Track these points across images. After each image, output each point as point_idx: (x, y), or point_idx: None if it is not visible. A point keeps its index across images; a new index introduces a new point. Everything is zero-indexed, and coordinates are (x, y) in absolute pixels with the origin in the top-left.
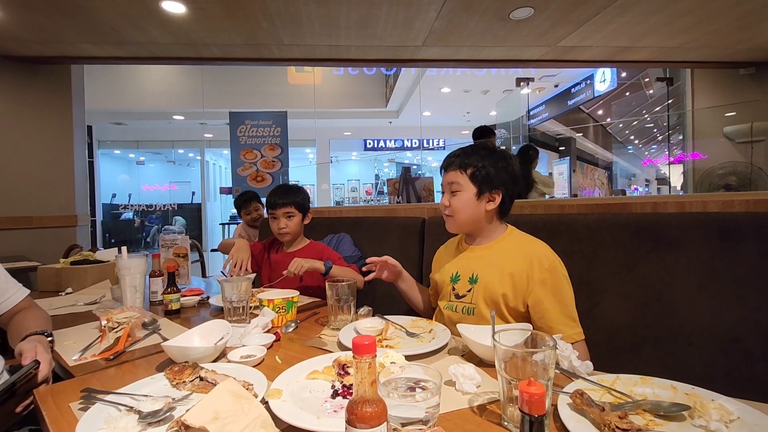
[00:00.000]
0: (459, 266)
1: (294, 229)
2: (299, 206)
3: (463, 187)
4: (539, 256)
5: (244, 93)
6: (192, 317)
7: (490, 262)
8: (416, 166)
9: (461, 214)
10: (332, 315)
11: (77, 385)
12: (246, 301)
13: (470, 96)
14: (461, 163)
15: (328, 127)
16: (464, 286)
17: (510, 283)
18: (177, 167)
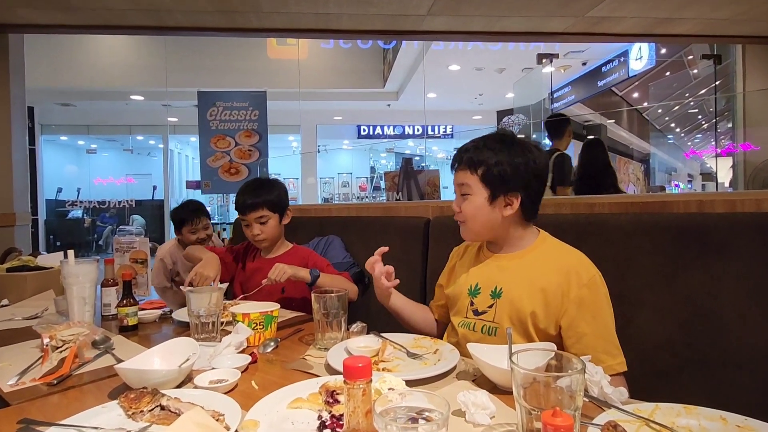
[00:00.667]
0: (479, 276)
1: (271, 234)
2: (273, 206)
3: (473, 189)
4: (577, 270)
5: (215, 69)
6: (152, 334)
7: (517, 274)
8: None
9: (474, 221)
10: (319, 332)
11: (14, 415)
12: (216, 316)
13: (483, 75)
14: (470, 160)
15: (315, 110)
16: (485, 300)
17: (541, 300)
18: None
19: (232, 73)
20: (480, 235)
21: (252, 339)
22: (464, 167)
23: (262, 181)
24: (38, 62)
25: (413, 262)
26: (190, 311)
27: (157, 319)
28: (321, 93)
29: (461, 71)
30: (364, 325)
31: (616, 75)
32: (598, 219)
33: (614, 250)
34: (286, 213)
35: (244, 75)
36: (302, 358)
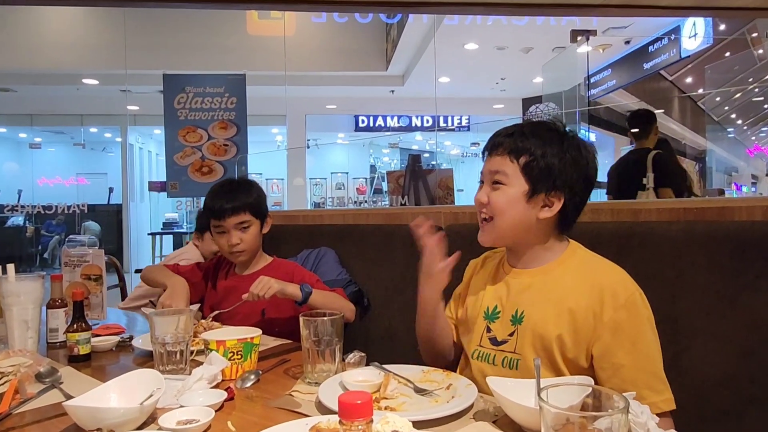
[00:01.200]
0: (498, 297)
1: (252, 244)
2: (256, 210)
3: (510, 179)
4: (613, 288)
5: (184, 48)
6: (108, 365)
7: (541, 293)
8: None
9: (504, 216)
10: (309, 364)
11: None
12: (185, 344)
13: (506, 55)
14: (513, 146)
15: (303, 97)
16: (505, 327)
17: (569, 324)
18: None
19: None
20: (503, 237)
21: (228, 371)
22: (502, 153)
23: (238, 181)
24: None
25: None
26: (154, 338)
27: (114, 347)
28: (311, 77)
29: (480, 51)
30: (363, 354)
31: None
32: (643, 228)
33: (662, 266)
34: (267, 220)
35: (219, 55)
36: (288, 394)
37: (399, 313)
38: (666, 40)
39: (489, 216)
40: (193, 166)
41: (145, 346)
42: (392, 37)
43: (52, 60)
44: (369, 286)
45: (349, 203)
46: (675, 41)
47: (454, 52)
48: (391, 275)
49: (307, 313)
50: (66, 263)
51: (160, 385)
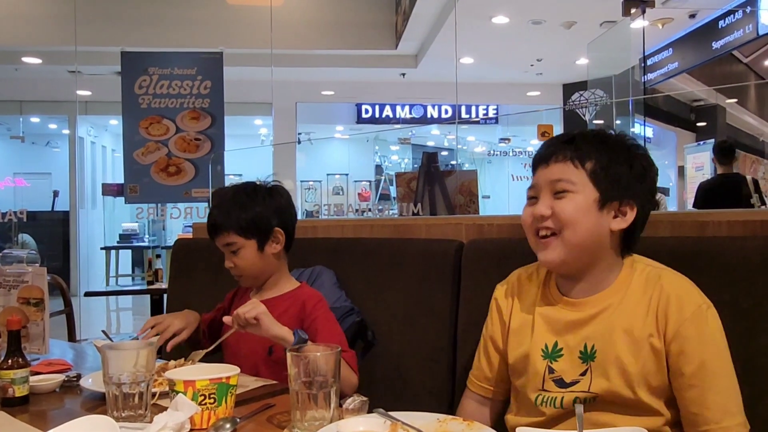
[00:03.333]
0: (556, 331)
1: (250, 269)
2: (247, 230)
3: (578, 186)
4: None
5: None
6: (50, 410)
7: (610, 322)
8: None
9: (576, 227)
10: (298, 410)
11: None
12: (147, 384)
13: (543, 31)
14: (576, 152)
15: (294, 81)
16: (573, 366)
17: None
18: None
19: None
20: (576, 253)
21: (198, 419)
22: (563, 160)
23: (241, 189)
24: None
25: (439, 305)
26: (108, 377)
27: (58, 388)
28: (303, 56)
29: (511, 25)
30: (365, 399)
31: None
32: (712, 245)
33: (735, 291)
34: (273, 236)
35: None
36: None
37: (410, 348)
38: (740, 14)
39: (556, 229)
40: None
41: (97, 386)
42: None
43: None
44: (373, 314)
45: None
46: (751, 15)
47: (480, 26)
48: (400, 300)
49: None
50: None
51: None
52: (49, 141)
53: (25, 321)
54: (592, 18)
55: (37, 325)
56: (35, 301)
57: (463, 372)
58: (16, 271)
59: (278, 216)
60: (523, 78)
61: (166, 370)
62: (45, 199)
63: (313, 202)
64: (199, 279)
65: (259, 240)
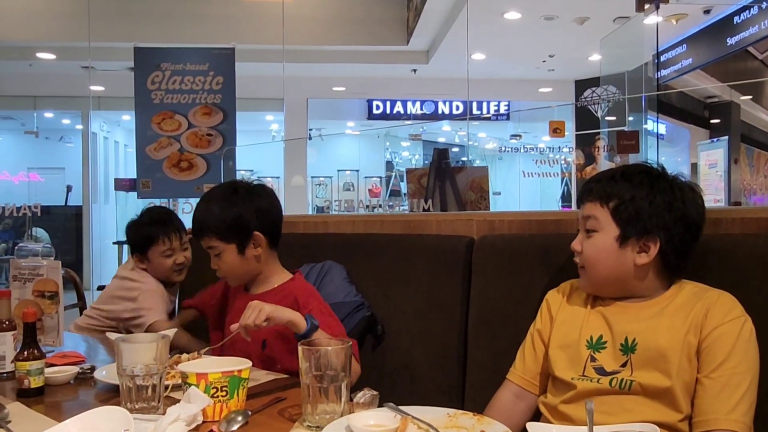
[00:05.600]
0: (600, 327)
1: (233, 272)
2: (225, 233)
3: (602, 225)
4: (722, 307)
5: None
6: (65, 402)
7: (653, 321)
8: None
9: (596, 267)
10: (309, 403)
11: None
12: (159, 377)
13: (555, 27)
14: (602, 191)
15: (305, 77)
16: (615, 358)
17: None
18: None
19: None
20: (602, 287)
21: (210, 411)
22: (593, 199)
23: (223, 189)
24: None
25: (449, 301)
26: (121, 369)
27: (73, 380)
28: (315, 52)
29: (523, 21)
30: (375, 393)
31: (755, 29)
32: (724, 243)
33: (749, 290)
34: (254, 240)
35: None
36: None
37: (420, 343)
38: (755, 10)
39: (582, 264)
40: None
41: (110, 378)
42: (415, 3)
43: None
44: (383, 309)
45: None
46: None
47: (492, 22)
48: (411, 296)
49: (309, 341)
50: (15, 277)
51: (128, 426)
52: (63, 136)
53: (40, 314)
54: (605, 14)
55: (51, 317)
56: (50, 294)
57: (473, 367)
58: (31, 264)
59: (258, 218)
60: (535, 74)
61: (178, 363)
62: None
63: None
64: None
65: (238, 244)
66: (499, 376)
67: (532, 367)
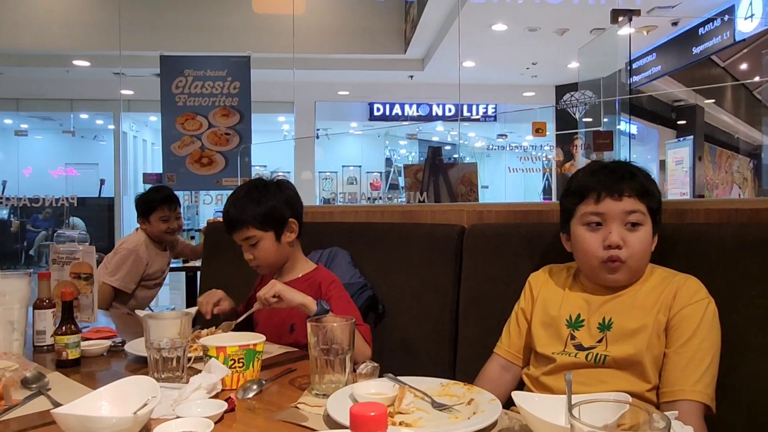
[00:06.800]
0: (579, 307)
1: (267, 259)
2: (263, 222)
3: (646, 220)
4: (688, 290)
5: (183, 27)
6: (99, 372)
7: (628, 302)
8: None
9: (642, 258)
10: (317, 374)
11: None
12: (183, 349)
13: (538, 37)
14: (641, 187)
15: (313, 82)
16: (592, 335)
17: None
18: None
19: (206, 32)
20: (638, 275)
21: (229, 380)
22: (633, 195)
23: (253, 186)
24: None
25: (442, 284)
26: (149, 343)
27: (106, 353)
28: (322, 60)
29: (509, 32)
30: (376, 365)
31: (718, 39)
32: (689, 231)
33: (711, 275)
34: (288, 227)
35: (222, 35)
36: (294, 406)
37: (416, 321)
38: (718, 22)
39: (625, 258)
40: (192, 157)
41: (139, 351)
42: (412, 16)
43: (39, 39)
44: (383, 290)
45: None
46: (729, 23)
47: (481, 33)
48: (408, 279)
49: (317, 318)
50: (54, 260)
51: (155, 393)
52: (96, 135)
53: (77, 293)
54: (582, 25)
55: (86, 296)
56: (85, 275)
57: (463, 343)
58: (69, 249)
59: (290, 207)
60: (520, 80)
61: (200, 338)
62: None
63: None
64: (228, 257)
65: (276, 231)
66: (487, 351)
67: (517, 342)
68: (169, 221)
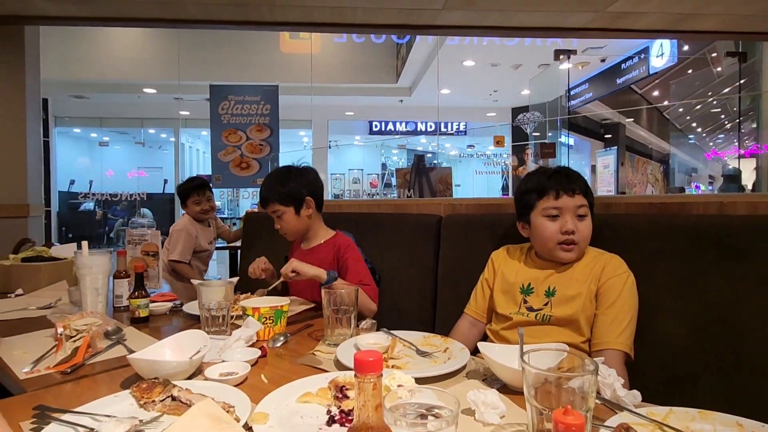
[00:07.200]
0: (530, 278)
1: (290, 228)
2: (285, 199)
3: (589, 212)
4: (613, 266)
5: (227, 63)
6: (163, 327)
7: (567, 275)
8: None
9: (587, 241)
10: (328, 328)
11: (29, 401)
12: (227, 310)
13: (498, 71)
14: (586, 187)
15: (326, 105)
16: (540, 299)
17: (587, 291)
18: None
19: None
20: (583, 253)
21: (262, 333)
22: (581, 192)
23: (278, 172)
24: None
25: (425, 259)
26: (201, 304)
27: (168, 312)
28: (333, 88)
29: (476, 67)
30: (374, 321)
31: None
32: (614, 220)
33: (630, 253)
34: (305, 203)
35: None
36: (311, 353)
37: (405, 288)
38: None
39: (576, 241)
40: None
41: (194, 311)
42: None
43: (118, 73)
44: (380, 264)
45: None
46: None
47: (454, 68)
48: (398, 256)
49: (329, 286)
50: (129, 241)
51: (206, 343)
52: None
53: (146, 266)
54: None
55: (153, 269)
56: (153, 253)
57: (441, 305)
58: (140, 232)
59: (307, 188)
60: (484, 103)
61: (239, 301)
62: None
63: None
64: (262, 239)
65: (295, 206)
66: (459, 311)
67: (482, 305)
68: (201, 204)
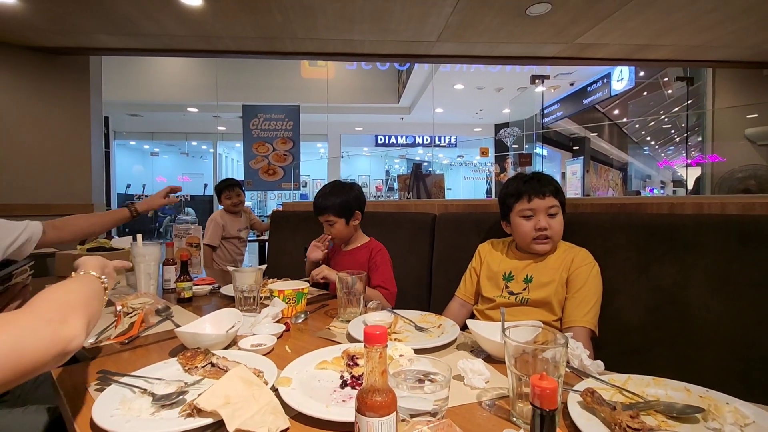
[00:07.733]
0: (512, 266)
1: (339, 235)
2: (338, 211)
3: (559, 210)
4: (581, 257)
5: (257, 86)
6: (203, 305)
7: (542, 265)
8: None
9: (559, 234)
10: (341, 307)
11: (93, 367)
12: (257, 291)
13: (483, 93)
14: (556, 189)
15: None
16: (519, 285)
17: (559, 278)
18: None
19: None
20: (556, 246)
21: (286, 311)
22: (551, 193)
23: (334, 186)
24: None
25: (422, 251)
26: (235, 287)
27: (208, 293)
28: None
29: (465, 90)
30: (380, 302)
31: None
32: (581, 218)
33: (594, 245)
34: (354, 215)
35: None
36: (327, 328)
37: (405, 276)
38: (600, 83)
39: (549, 236)
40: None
41: (229, 293)
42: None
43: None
44: None
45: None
46: (606, 83)
47: (447, 90)
48: (399, 249)
49: (342, 272)
50: (176, 235)
51: (240, 319)
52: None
53: (190, 255)
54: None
55: (196, 258)
56: (195, 244)
57: (435, 289)
58: (185, 227)
59: (356, 202)
60: (472, 120)
61: (267, 284)
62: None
63: None
64: (286, 234)
65: (346, 218)
66: (451, 294)
67: (470, 289)
68: (232, 198)
